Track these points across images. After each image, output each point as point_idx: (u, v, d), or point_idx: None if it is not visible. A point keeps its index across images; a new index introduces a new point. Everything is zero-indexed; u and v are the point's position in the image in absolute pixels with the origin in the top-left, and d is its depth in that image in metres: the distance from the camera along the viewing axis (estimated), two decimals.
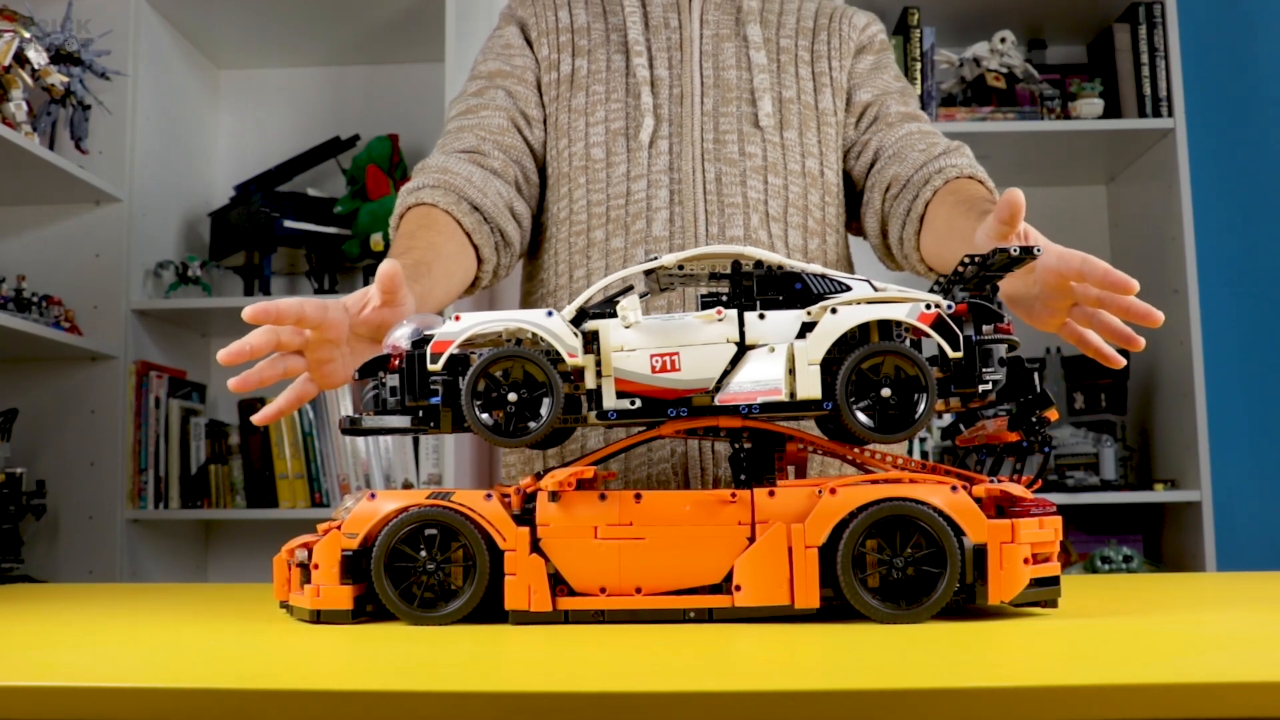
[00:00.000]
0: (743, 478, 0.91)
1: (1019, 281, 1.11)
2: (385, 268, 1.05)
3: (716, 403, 0.87)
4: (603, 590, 0.86)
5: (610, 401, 0.88)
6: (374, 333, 1.10)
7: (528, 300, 1.55)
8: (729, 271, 0.91)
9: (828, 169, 1.45)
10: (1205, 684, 0.59)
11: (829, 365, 0.86)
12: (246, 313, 0.99)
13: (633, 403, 0.88)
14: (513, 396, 0.87)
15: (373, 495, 0.89)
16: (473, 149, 1.42)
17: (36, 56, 2.38)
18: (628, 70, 1.44)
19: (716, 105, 1.42)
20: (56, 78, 2.43)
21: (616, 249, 1.38)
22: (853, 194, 1.50)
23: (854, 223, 1.51)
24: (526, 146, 1.47)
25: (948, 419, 1.05)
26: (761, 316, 0.88)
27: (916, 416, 0.85)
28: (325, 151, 2.97)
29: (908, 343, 0.87)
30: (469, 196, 1.35)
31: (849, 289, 0.89)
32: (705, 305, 0.90)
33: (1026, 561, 0.83)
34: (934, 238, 1.34)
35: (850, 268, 1.48)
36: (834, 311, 0.87)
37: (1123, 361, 1.10)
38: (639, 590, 0.85)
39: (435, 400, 0.90)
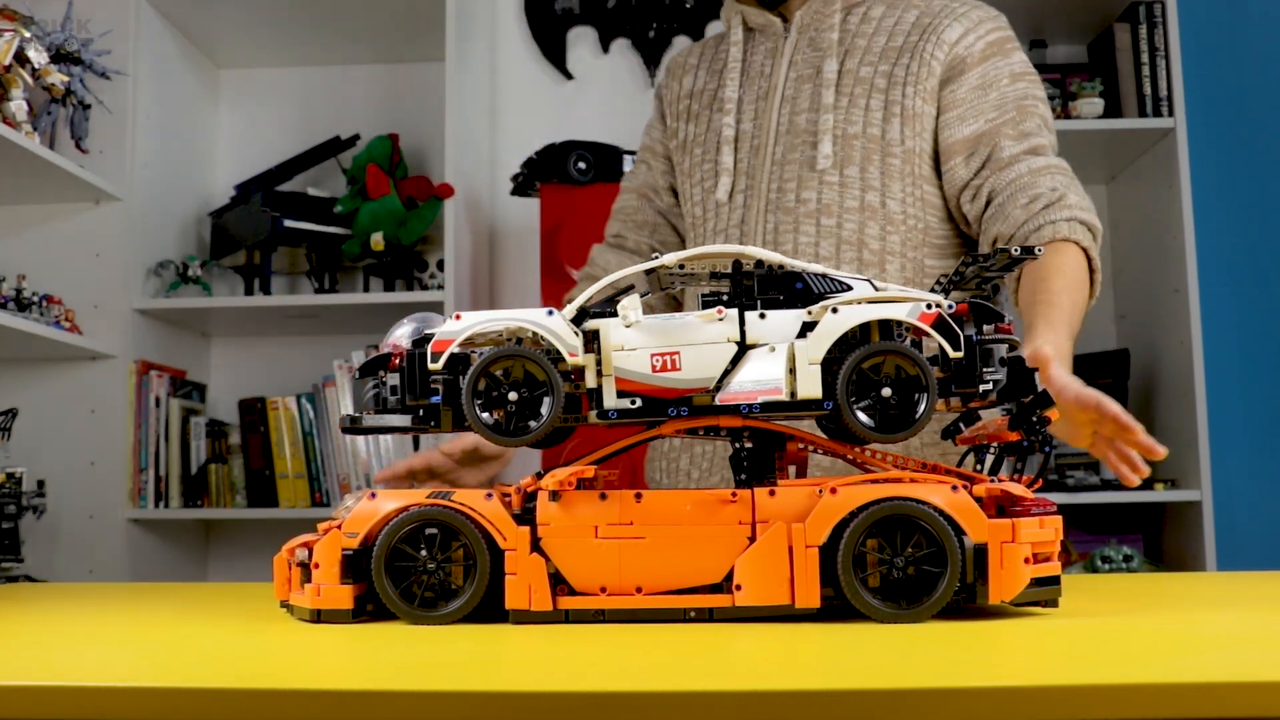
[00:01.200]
0: (743, 477, 0.91)
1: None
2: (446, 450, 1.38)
3: (717, 402, 0.87)
4: (603, 590, 0.86)
5: (610, 401, 0.88)
6: (469, 457, 1.40)
7: None
8: (730, 271, 0.91)
9: (890, 199, 1.45)
10: (1205, 684, 0.59)
11: (830, 365, 0.86)
12: (378, 481, 1.34)
13: (633, 402, 0.88)
14: (513, 396, 0.87)
15: (373, 494, 0.89)
16: (615, 235, 1.64)
17: (37, 56, 2.38)
18: (720, 128, 1.53)
19: (785, 152, 1.47)
20: (57, 77, 2.43)
21: None
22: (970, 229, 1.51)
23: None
24: (659, 215, 1.64)
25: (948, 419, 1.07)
26: (762, 316, 0.88)
27: (917, 416, 0.85)
28: (325, 151, 2.97)
29: (908, 342, 0.87)
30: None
31: (850, 289, 0.89)
32: (706, 305, 0.90)
33: (1027, 561, 0.83)
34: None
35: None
36: (835, 311, 0.87)
37: (1137, 481, 1.19)
38: (639, 590, 0.85)
39: (435, 399, 0.90)
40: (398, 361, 0.91)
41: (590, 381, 0.88)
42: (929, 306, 0.87)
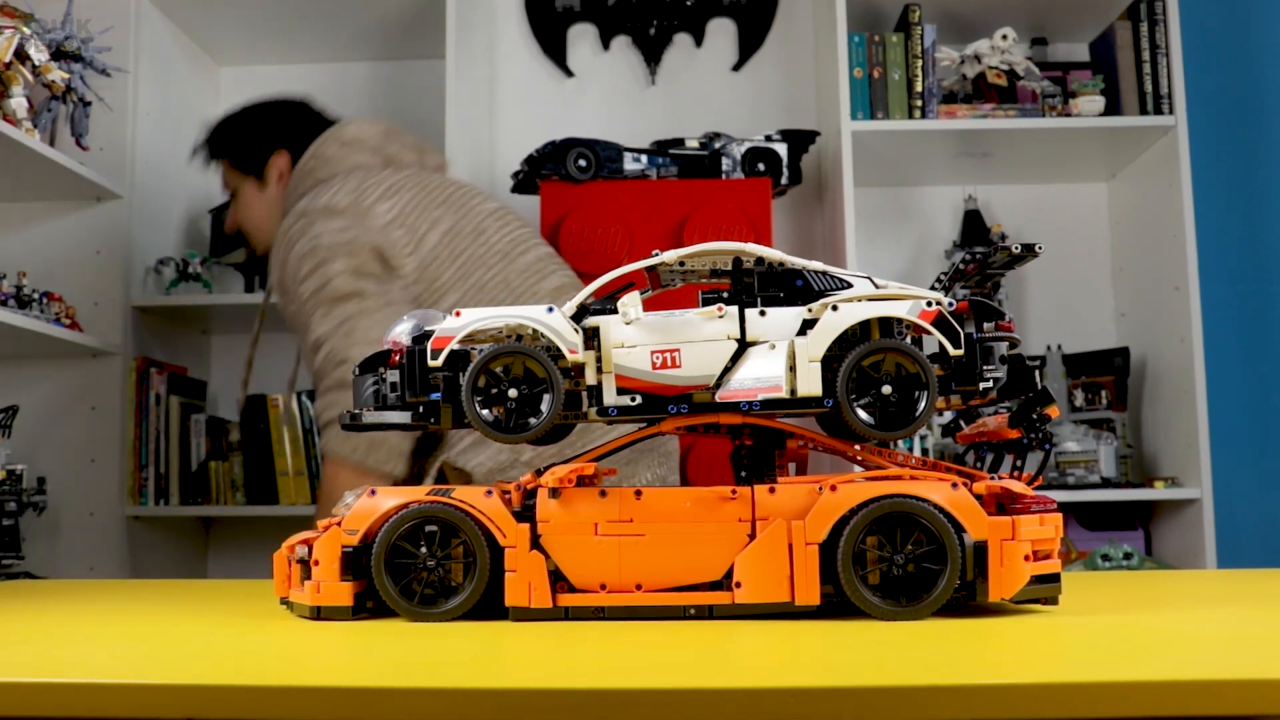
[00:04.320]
0: (743, 474, 0.91)
1: None
2: None
3: (717, 399, 0.87)
4: (603, 587, 0.86)
5: (611, 398, 0.88)
6: None
7: None
8: (730, 268, 0.91)
9: None
10: (1205, 681, 0.59)
11: (830, 362, 0.86)
12: None
13: (633, 399, 0.88)
14: (513, 392, 0.87)
15: (373, 492, 0.89)
16: None
17: (37, 53, 2.37)
18: None
19: None
20: (57, 74, 2.42)
21: None
22: None
23: None
24: None
25: (948, 416, 1.06)
26: (762, 313, 0.88)
27: (917, 414, 0.85)
28: None
29: (909, 340, 0.87)
30: None
31: (850, 286, 0.89)
32: (706, 302, 0.90)
33: (1027, 558, 0.83)
34: None
35: None
36: (835, 308, 0.87)
37: None
38: (639, 587, 0.85)
39: (435, 396, 0.90)
40: (398, 358, 0.91)
41: (590, 378, 0.88)
42: (929, 304, 0.87)
